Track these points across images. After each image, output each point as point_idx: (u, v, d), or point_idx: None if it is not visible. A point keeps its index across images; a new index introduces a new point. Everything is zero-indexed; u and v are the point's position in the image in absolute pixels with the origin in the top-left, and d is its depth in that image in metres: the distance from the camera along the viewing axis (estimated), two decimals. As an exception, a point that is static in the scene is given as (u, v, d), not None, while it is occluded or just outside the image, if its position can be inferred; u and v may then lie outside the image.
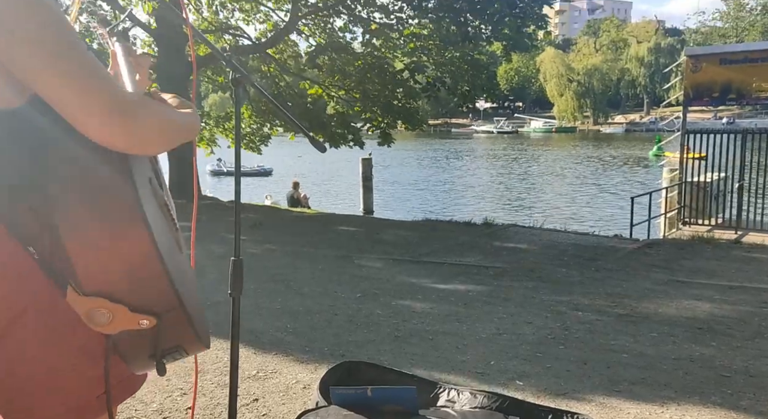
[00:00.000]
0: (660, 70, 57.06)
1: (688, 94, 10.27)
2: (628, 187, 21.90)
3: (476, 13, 11.32)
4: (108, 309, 0.91)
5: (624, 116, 68.78)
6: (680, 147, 10.32)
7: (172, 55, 10.27)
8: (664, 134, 18.60)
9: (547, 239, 7.75)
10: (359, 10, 12.31)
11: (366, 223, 10.40)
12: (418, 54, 12.38)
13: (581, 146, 45.40)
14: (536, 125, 68.03)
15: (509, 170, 29.99)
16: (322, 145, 2.00)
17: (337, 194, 21.66)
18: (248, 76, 1.82)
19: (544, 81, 67.90)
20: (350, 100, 13.19)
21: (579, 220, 15.53)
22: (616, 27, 74.83)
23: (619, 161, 32.41)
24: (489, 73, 13.28)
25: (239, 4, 13.17)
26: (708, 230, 9.56)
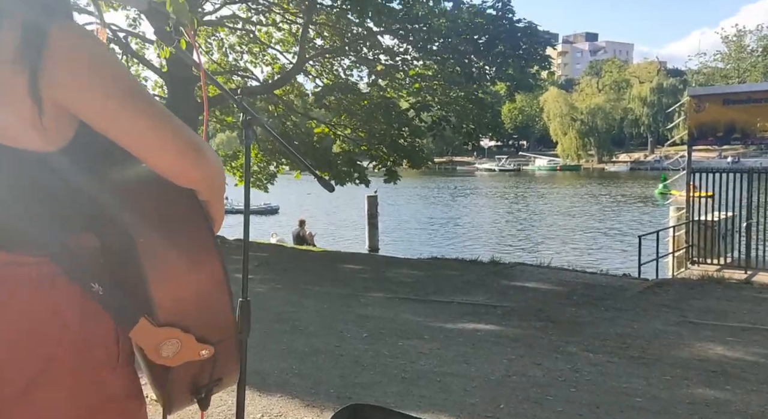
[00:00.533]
0: (663, 110, 57.60)
1: (693, 134, 10.33)
2: (636, 224, 21.83)
3: (480, 54, 11.54)
4: (179, 339, 0.91)
5: (628, 154, 69.08)
6: (686, 186, 10.33)
7: (181, 97, 10.46)
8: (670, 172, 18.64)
9: (554, 277, 7.68)
10: (365, 52, 12.57)
11: (372, 261, 10.36)
12: (423, 94, 12.58)
13: (586, 184, 45.48)
14: (541, 163, 68.39)
15: (515, 207, 30.00)
16: (330, 184, 2.01)
17: (343, 231, 21.65)
18: (258, 118, 1.85)
19: (548, 120, 68.57)
20: (356, 139, 13.34)
21: (586, 258, 15.42)
22: (618, 68, 75.93)
23: (625, 199, 32.39)
24: (493, 112, 13.44)
25: (248, 47, 13.49)
26: (717, 269, 9.46)
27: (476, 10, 11.24)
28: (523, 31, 11.38)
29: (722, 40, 67.54)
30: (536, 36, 11.65)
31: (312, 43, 12.63)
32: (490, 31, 11.17)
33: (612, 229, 21.73)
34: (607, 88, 71.30)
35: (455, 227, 23.78)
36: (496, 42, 11.20)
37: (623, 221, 23.80)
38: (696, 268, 9.69)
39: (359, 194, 17.30)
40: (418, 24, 11.58)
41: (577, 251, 17.02)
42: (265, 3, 12.51)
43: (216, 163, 0.98)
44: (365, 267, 8.78)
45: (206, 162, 0.93)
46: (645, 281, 7.74)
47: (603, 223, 23.54)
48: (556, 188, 42.99)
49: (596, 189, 39.85)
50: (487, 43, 11.33)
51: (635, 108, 66.85)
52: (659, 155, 57.87)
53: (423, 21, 11.49)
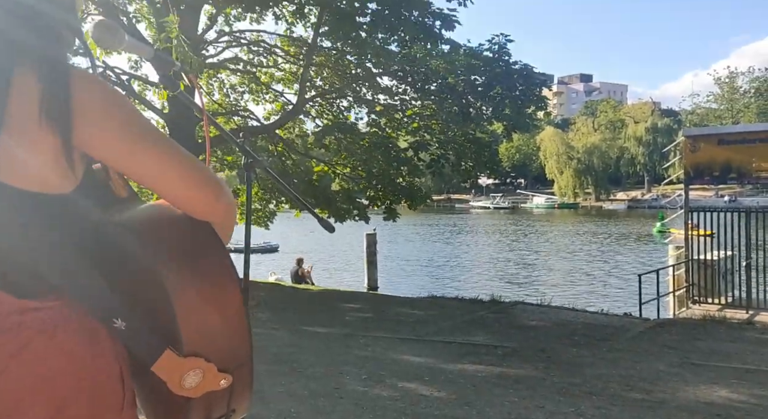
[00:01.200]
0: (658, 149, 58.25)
1: (689, 173, 10.42)
2: (635, 262, 21.78)
3: (477, 95, 11.74)
4: (201, 369, 0.90)
5: (625, 192, 69.48)
6: (684, 225, 10.36)
7: (182, 137, 10.56)
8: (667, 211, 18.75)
9: (555, 317, 7.62)
10: (364, 93, 12.78)
11: (371, 300, 10.29)
12: (422, 133, 12.73)
13: (584, 222, 45.57)
14: (539, 201, 68.69)
15: (514, 245, 29.96)
16: (330, 225, 2.01)
17: (342, 269, 21.55)
18: (260, 161, 1.86)
19: (545, 158, 69.23)
20: (355, 177, 13.42)
21: (586, 297, 15.32)
22: (613, 108, 77.16)
23: (623, 238, 32.40)
24: (491, 151, 13.57)
25: (249, 87, 13.71)
26: (718, 309, 9.40)
27: (473, 52, 11.49)
28: (519, 72, 11.61)
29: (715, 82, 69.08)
30: (532, 77, 11.88)
31: (312, 82, 12.84)
32: (487, 73, 11.39)
33: (612, 267, 21.67)
34: (602, 128, 72.26)
35: (454, 265, 23.69)
36: (493, 83, 11.40)
37: (623, 259, 23.75)
38: (697, 308, 9.63)
39: (358, 231, 17.30)
40: (416, 65, 11.82)
41: (577, 290, 16.93)
42: (267, 46, 12.78)
43: (232, 196, 1.00)
44: (364, 306, 8.71)
45: (226, 195, 0.97)
46: (647, 321, 7.68)
47: (603, 261, 23.48)
48: (554, 226, 43.05)
49: (595, 227, 39.90)
50: (484, 84, 11.54)
51: (631, 147, 67.62)
52: (656, 194, 58.24)
53: (421, 63, 11.73)
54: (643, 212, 52.61)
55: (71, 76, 0.88)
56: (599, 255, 25.32)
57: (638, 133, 67.25)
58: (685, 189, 10.56)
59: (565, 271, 21.29)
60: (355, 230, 17.07)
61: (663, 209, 29.68)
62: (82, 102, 0.87)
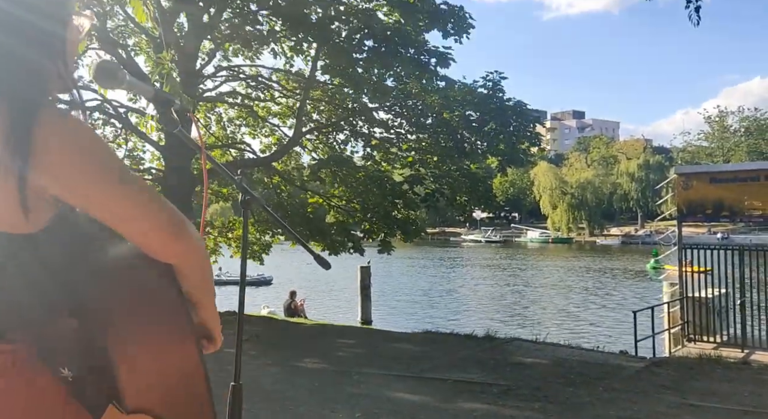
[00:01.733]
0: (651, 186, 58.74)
1: (682, 210, 10.49)
2: (629, 298, 21.71)
3: (472, 130, 11.87)
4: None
5: (619, 228, 69.74)
6: (678, 262, 10.37)
7: (178, 169, 10.58)
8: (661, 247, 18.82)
9: (551, 354, 7.54)
10: (360, 126, 12.91)
11: (365, 335, 10.16)
12: (417, 167, 12.81)
13: (579, 257, 45.58)
14: (533, 236, 68.81)
15: (509, 280, 29.86)
16: (326, 262, 1.99)
17: (335, 302, 21.37)
18: (258, 198, 1.86)
19: (539, 193, 69.66)
20: (350, 210, 13.43)
21: (581, 333, 15.21)
22: (606, 144, 78.15)
23: (617, 273, 32.38)
24: (486, 185, 13.66)
25: (246, 120, 13.82)
26: (714, 347, 9.34)
27: (468, 89, 11.67)
28: (513, 108, 11.78)
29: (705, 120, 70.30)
30: (526, 114, 12.05)
31: (309, 116, 12.97)
32: (482, 109, 11.55)
33: (607, 303, 21.59)
34: (595, 164, 73.03)
35: (449, 299, 23.54)
36: (487, 119, 11.56)
37: (617, 295, 23.69)
38: (693, 346, 9.56)
39: (352, 264, 17.22)
40: (412, 100, 11.99)
41: (572, 325, 16.81)
42: (265, 80, 12.94)
43: (197, 239, 0.98)
44: (358, 342, 8.60)
45: (186, 236, 0.94)
46: (643, 360, 7.61)
47: (597, 296, 23.41)
48: (549, 261, 43.01)
49: (589, 262, 39.89)
50: (479, 119, 11.69)
51: (624, 183, 68.21)
52: (650, 230, 58.47)
53: (417, 98, 11.90)
54: (637, 248, 52.74)
55: (38, 116, 0.86)
56: (594, 291, 25.25)
57: (631, 169, 67.95)
58: (678, 226, 10.61)
59: (560, 306, 21.18)
60: (349, 263, 16.99)
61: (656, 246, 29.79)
62: (44, 143, 0.85)
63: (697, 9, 5.76)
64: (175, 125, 1.46)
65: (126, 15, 10.22)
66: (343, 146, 13.78)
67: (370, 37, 10.69)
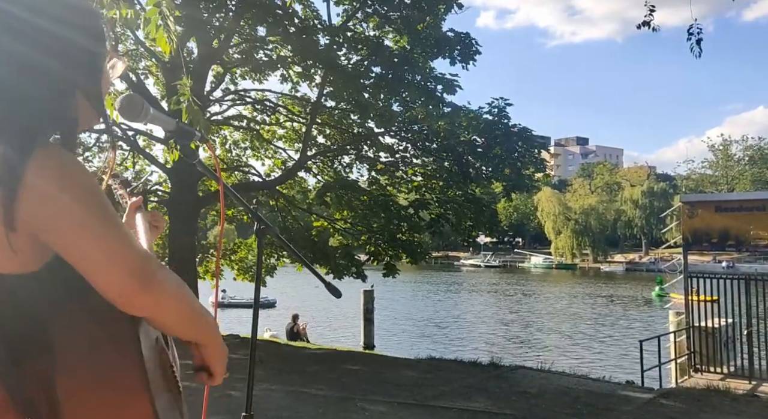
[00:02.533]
0: (655, 213, 58.70)
1: (687, 239, 10.46)
2: (635, 326, 21.52)
3: (477, 155, 11.94)
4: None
5: (623, 255, 69.46)
6: (684, 291, 10.30)
7: (184, 191, 10.65)
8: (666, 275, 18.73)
9: (557, 383, 7.45)
10: (366, 150, 12.99)
11: (369, 361, 10.07)
12: (422, 191, 12.84)
13: (583, 283, 45.30)
14: (537, 261, 68.53)
15: (513, 306, 29.66)
16: (337, 291, 1.99)
17: (338, 326, 21.23)
18: (272, 227, 1.87)
19: (542, 218, 69.61)
20: (355, 233, 13.44)
21: (587, 362, 15.05)
22: (609, 171, 78.32)
23: (622, 301, 32.14)
24: (490, 211, 13.67)
25: (251, 143, 13.92)
26: (721, 378, 9.22)
27: (474, 115, 11.76)
28: (518, 134, 11.86)
29: (709, 149, 70.50)
30: (531, 140, 12.12)
31: (315, 140, 13.06)
32: (487, 134, 11.63)
33: (612, 331, 21.40)
34: (599, 190, 73.08)
35: (452, 324, 23.37)
36: (493, 144, 11.63)
37: (622, 323, 23.49)
38: (699, 376, 9.45)
39: (355, 287, 17.15)
40: (418, 125, 12.08)
41: (577, 354, 16.64)
42: (271, 105, 13.08)
43: (177, 296, 0.93)
44: (362, 368, 8.52)
45: (156, 289, 0.89)
46: (650, 391, 7.51)
47: (602, 325, 23.21)
48: (553, 287, 42.75)
49: (593, 289, 39.65)
50: (484, 145, 11.77)
51: (628, 210, 68.14)
52: (654, 257, 58.20)
53: (422, 123, 11.99)
54: (642, 275, 52.41)
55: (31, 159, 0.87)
56: (599, 318, 25.05)
57: (635, 196, 67.95)
58: (683, 255, 10.57)
59: (565, 334, 20.99)
60: (352, 287, 16.92)
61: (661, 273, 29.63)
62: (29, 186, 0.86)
63: (699, 42, 5.84)
64: (195, 157, 1.49)
65: (136, 38, 10.38)
66: (348, 169, 13.86)
67: (377, 63, 10.83)
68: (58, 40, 0.94)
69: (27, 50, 0.92)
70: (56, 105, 0.96)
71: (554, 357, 14.19)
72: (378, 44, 10.96)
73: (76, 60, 0.97)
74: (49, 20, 0.94)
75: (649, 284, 38.46)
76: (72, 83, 0.98)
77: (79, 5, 1.00)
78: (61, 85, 0.96)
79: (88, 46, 0.99)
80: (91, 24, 1.01)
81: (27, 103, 0.93)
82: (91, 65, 1.00)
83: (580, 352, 17.07)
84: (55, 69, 0.94)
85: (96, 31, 1.01)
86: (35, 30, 0.93)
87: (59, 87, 0.96)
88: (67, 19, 0.96)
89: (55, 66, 0.94)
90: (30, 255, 0.89)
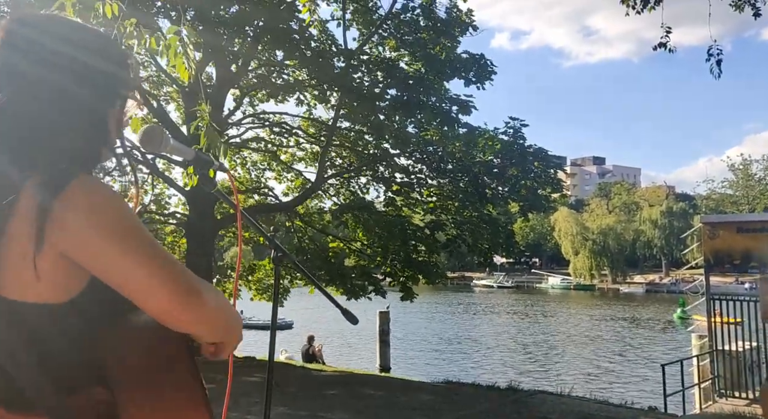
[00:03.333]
0: (675, 233, 57.83)
1: (708, 260, 10.27)
2: (656, 349, 21.09)
3: (493, 176, 11.92)
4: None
5: (643, 276, 68.38)
6: (706, 313, 10.09)
7: (202, 214, 10.76)
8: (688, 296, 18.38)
9: (578, 409, 7.30)
10: (381, 171, 13.03)
11: (385, 384, 9.97)
12: (438, 213, 12.82)
13: (602, 305, 44.58)
14: (554, 282, 67.65)
15: (531, 328, 29.26)
16: (354, 317, 1.98)
17: (353, 348, 21.10)
18: (289, 255, 1.88)
19: (559, 239, 68.94)
20: (371, 254, 13.42)
21: (607, 386, 14.75)
22: (627, 191, 77.58)
23: (643, 323, 31.55)
24: (507, 232, 13.58)
25: (269, 164, 14.04)
26: (747, 404, 8.97)
27: (489, 135, 11.78)
28: (534, 155, 11.84)
29: (729, 168, 69.51)
30: (547, 160, 12.09)
31: (331, 161, 13.15)
32: (503, 154, 11.63)
33: (633, 354, 20.99)
34: (617, 210, 72.32)
35: (468, 346, 23.11)
36: (508, 164, 11.61)
37: (644, 346, 23.04)
38: (724, 401, 9.20)
39: (371, 308, 17.06)
40: (433, 146, 12.11)
41: (597, 377, 16.32)
42: (289, 127, 13.22)
43: (216, 307, 0.96)
44: (378, 392, 8.43)
45: (199, 305, 0.92)
46: (673, 417, 7.33)
47: (623, 348, 22.78)
48: (572, 309, 42.12)
49: (613, 311, 38.98)
50: (500, 165, 11.76)
51: (647, 230, 67.23)
52: (675, 278, 57.22)
53: (437, 144, 12.02)
54: (662, 297, 51.47)
55: (66, 190, 0.89)
56: (619, 341, 24.60)
57: (654, 216, 67.09)
58: (705, 276, 10.37)
59: (584, 357, 20.63)
60: (368, 308, 16.85)
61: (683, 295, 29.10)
62: (63, 217, 0.88)
63: (719, 62, 5.82)
64: (213, 185, 1.51)
65: (157, 65, 10.61)
66: (365, 190, 13.92)
67: (392, 85, 10.93)
68: (86, 69, 0.97)
69: (58, 80, 0.95)
70: (88, 134, 0.99)
71: (574, 382, 13.92)
72: (392, 66, 11.07)
73: (104, 88, 1.00)
74: (76, 49, 0.96)
75: (670, 306, 37.74)
76: (101, 112, 1.00)
77: (101, 33, 1.03)
78: (91, 114, 0.99)
79: (113, 73, 1.01)
80: (114, 51, 1.04)
81: (60, 135, 0.95)
82: (115, 91, 1.03)
83: (601, 376, 16.74)
84: (84, 98, 0.97)
85: (119, 58, 1.04)
86: (65, 60, 0.95)
87: (89, 117, 0.99)
88: (91, 47, 0.99)
89: (85, 95, 0.97)
90: (71, 283, 0.91)
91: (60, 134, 0.95)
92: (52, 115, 0.95)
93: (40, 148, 0.93)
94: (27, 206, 0.87)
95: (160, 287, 0.89)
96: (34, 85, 0.94)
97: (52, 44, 0.95)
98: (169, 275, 0.91)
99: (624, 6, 6.05)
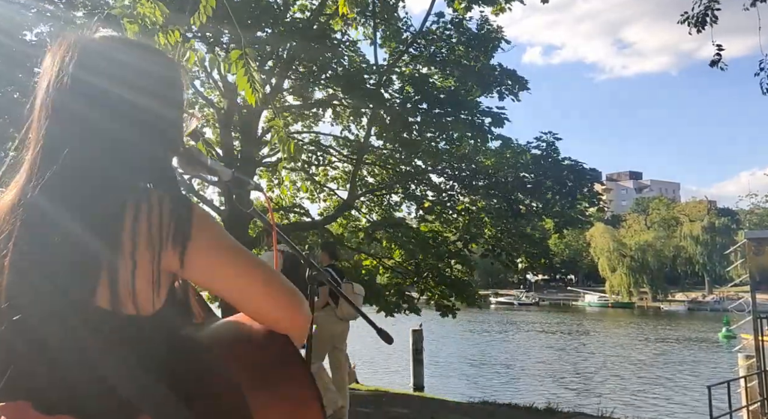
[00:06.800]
0: (717, 249, 56.09)
1: (754, 277, 9.90)
2: (701, 370, 20.33)
3: (526, 191, 11.74)
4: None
5: (684, 293, 66.29)
6: (754, 332, 9.69)
7: (236, 233, 10.87)
8: (733, 315, 17.72)
9: (619, 432, 7.05)
10: (413, 189, 13.00)
11: (420, 404, 9.82)
12: (471, 227, 12.68)
13: (643, 324, 43.31)
14: (591, 299, 66.09)
15: (569, 347, 28.58)
16: (389, 337, 1.95)
17: (386, 366, 20.94)
18: (323, 273, 1.87)
19: (596, 255, 67.47)
20: (404, 271, 13.34)
21: (650, 408, 14.25)
22: (666, 206, 75.68)
23: (686, 343, 30.49)
24: (543, 248, 13.34)
25: (302, 185, 14.17)
26: (801, 428, 8.54)
27: (522, 149, 11.65)
28: (569, 168, 11.63)
29: (772, 182, 67.22)
30: (582, 173, 11.86)
31: (363, 180, 13.19)
32: (536, 169, 11.46)
33: (676, 375, 20.27)
34: (655, 226, 70.50)
35: (503, 365, 22.69)
36: (542, 179, 11.44)
37: (688, 366, 22.23)
38: (776, 425, 8.78)
39: (404, 326, 16.92)
40: (465, 162, 12.03)
41: (640, 400, 15.78)
42: (323, 146, 13.33)
43: (307, 306, 1.04)
44: (413, 411, 8.32)
45: (305, 307, 1.00)
46: (722, 441, 7.00)
47: (666, 368, 22.03)
48: (611, 327, 41.03)
49: (655, 331, 37.83)
50: (533, 180, 11.59)
51: (687, 246, 65.33)
52: (719, 296, 55.34)
53: (468, 160, 11.94)
54: (705, 315, 49.74)
55: (196, 211, 0.96)
56: (662, 361, 23.81)
57: (695, 232, 65.19)
58: (752, 294, 9.98)
59: (625, 377, 20.00)
60: (401, 325, 16.72)
61: (728, 313, 28.06)
62: (198, 234, 0.94)
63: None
64: (249, 205, 1.52)
65: (195, 90, 10.86)
66: (397, 207, 13.89)
67: (424, 100, 10.94)
68: (147, 114, 1.00)
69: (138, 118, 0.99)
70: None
71: (615, 404, 13.49)
72: (424, 80, 11.10)
73: (166, 136, 1.04)
74: (139, 94, 0.99)
75: (714, 325, 36.41)
76: (164, 158, 1.06)
77: (164, 75, 1.05)
78: (152, 162, 1.02)
79: (172, 118, 1.06)
80: (173, 94, 1.06)
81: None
82: (174, 135, 1.08)
83: (643, 398, 16.18)
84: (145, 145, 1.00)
85: (179, 101, 1.08)
86: (129, 106, 0.98)
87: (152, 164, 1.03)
88: (154, 92, 1.01)
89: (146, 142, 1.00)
90: (162, 294, 0.94)
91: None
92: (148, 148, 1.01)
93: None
94: (145, 224, 0.91)
95: (277, 303, 0.97)
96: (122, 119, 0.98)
97: (115, 89, 0.97)
98: (280, 290, 0.98)
99: (670, 22, 5.91)
